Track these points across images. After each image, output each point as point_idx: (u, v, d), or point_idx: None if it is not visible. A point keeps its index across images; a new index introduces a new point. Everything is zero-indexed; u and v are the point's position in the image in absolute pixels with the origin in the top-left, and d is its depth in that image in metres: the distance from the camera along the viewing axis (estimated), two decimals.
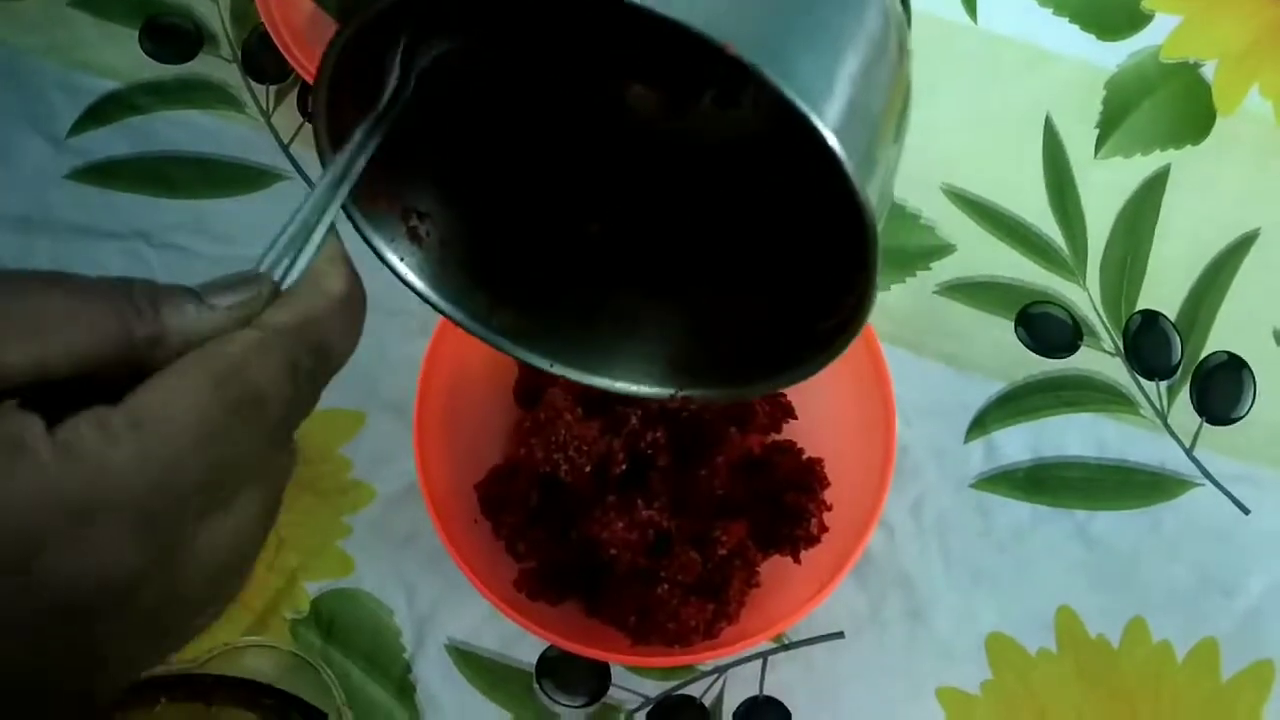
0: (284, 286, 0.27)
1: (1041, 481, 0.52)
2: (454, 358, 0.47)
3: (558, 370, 0.36)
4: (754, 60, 0.23)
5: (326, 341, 0.27)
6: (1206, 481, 0.52)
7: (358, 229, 0.32)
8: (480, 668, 0.49)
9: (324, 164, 0.29)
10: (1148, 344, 0.54)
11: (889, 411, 0.46)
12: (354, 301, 0.28)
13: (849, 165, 0.24)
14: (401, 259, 0.33)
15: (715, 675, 0.49)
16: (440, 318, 0.45)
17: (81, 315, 0.23)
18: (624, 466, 0.46)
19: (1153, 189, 0.56)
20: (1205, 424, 0.53)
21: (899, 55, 0.29)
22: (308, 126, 0.57)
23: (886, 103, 0.28)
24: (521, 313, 0.36)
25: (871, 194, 0.25)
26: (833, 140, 0.24)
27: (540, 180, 0.37)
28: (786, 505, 0.47)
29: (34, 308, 0.22)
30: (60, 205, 0.55)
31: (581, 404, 0.46)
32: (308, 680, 0.47)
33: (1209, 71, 0.58)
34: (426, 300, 0.34)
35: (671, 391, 0.36)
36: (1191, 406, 0.53)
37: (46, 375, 0.22)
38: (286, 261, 0.28)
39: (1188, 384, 0.53)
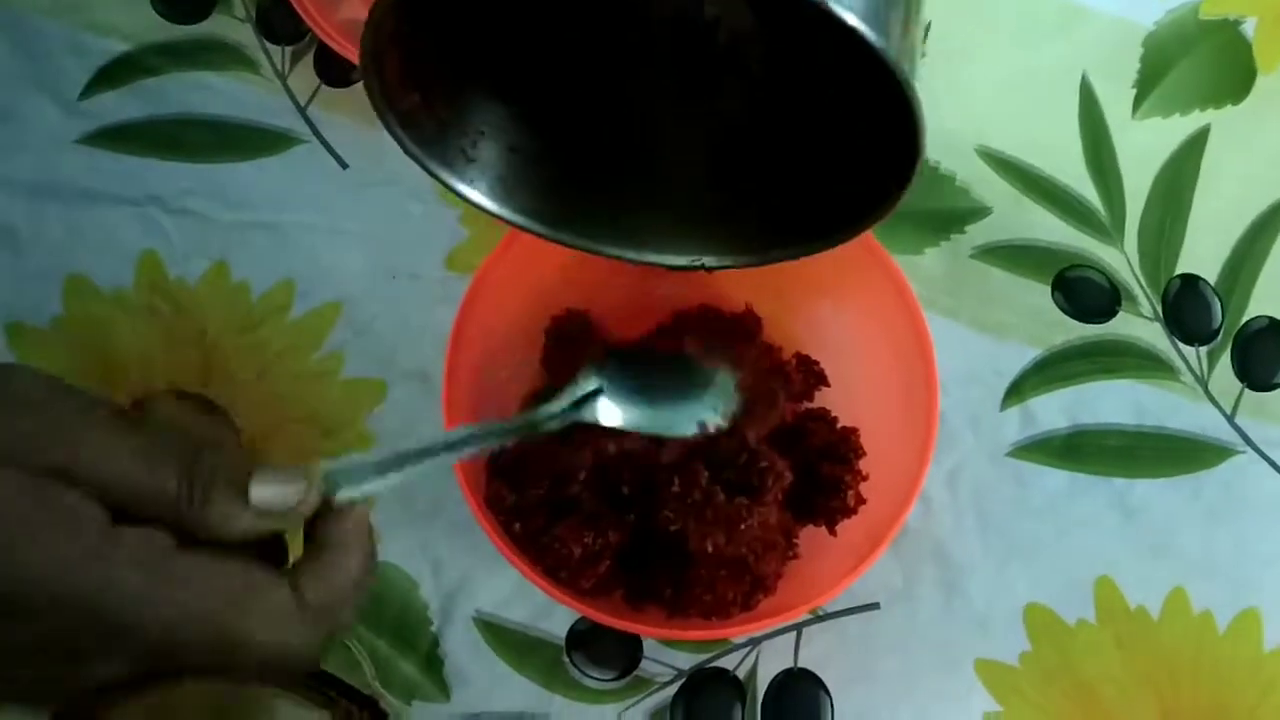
0: (337, 501, 0.31)
1: (1079, 449, 0.51)
2: (482, 326, 0.45)
3: (578, 244, 0.36)
4: None
5: (340, 622, 0.31)
6: (1248, 448, 0.51)
7: (426, 168, 0.34)
8: (509, 640, 0.48)
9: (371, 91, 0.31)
10: (1187, 308, 0.52)
11: (930, 379, 0.44)
12: (365, 586, 0.32)
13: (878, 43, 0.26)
14: (463, 181, 0.34)
15: (749, 647, 0.48)
16: (466, 286, 0.44)
17: (144, 482, 0.28)
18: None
19: (1192, 150, 0.55)
20: (1246, 390, 0.51)
21: None
22: (324, 89, 0.55)
23: None
24: (553, 197, 0.37)
25: (904, 59, 0.27)
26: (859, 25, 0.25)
27: (577, 61, 0.38)
28: (821, 476, 0.46)
29: (107, 448, 0.27)
30: (72, 170, 0.54)
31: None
32: (336, 655, 0.46)
33: (1249, 29, 0.56)
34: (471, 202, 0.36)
35: (699, 261, 0.37)
36: (1232, 372, 0.52)
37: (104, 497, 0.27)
38: (353, 479, 0.31)
39: (1228, 349, 0.52)
